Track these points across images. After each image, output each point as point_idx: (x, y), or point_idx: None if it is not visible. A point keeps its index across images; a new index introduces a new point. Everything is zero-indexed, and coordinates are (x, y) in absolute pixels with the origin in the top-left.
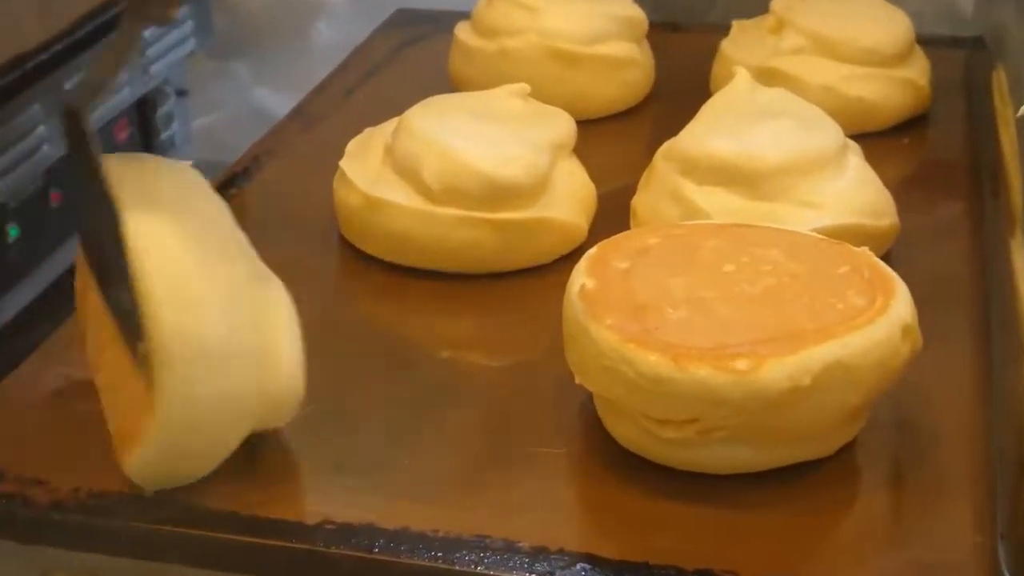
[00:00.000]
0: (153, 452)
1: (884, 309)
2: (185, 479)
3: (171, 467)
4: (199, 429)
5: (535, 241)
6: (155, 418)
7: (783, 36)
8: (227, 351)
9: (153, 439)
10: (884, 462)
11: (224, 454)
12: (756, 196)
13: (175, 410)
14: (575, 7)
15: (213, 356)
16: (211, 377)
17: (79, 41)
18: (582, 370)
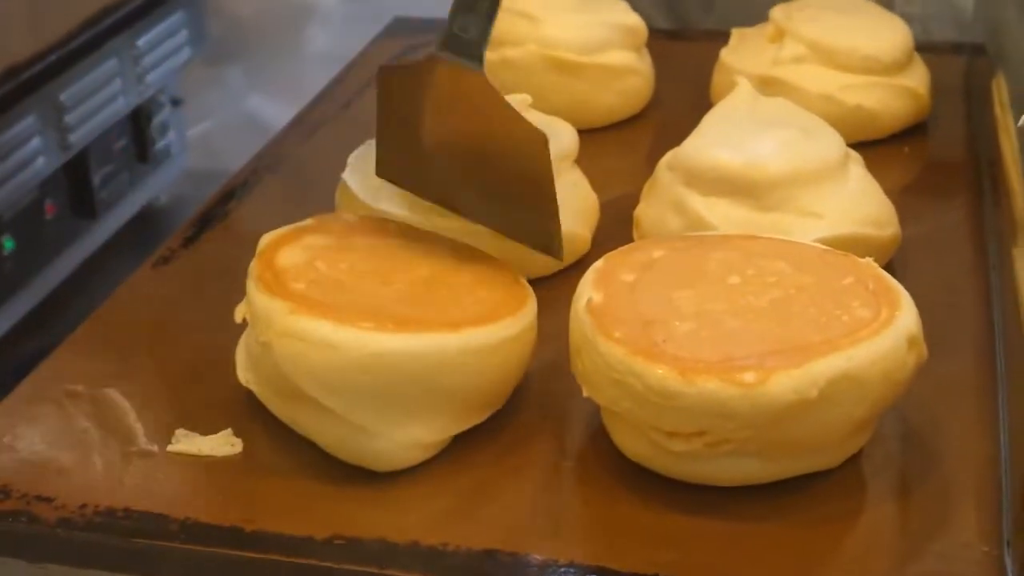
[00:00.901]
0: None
1: (889, 321)
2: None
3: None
4: None
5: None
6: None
7: (783, 45)
8: None
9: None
10: (890, 473)
11: None
12: (760, 206)
13: None
14: (575, 16)
15: None
16: None
17: (73, 52)
18: (590, 383)
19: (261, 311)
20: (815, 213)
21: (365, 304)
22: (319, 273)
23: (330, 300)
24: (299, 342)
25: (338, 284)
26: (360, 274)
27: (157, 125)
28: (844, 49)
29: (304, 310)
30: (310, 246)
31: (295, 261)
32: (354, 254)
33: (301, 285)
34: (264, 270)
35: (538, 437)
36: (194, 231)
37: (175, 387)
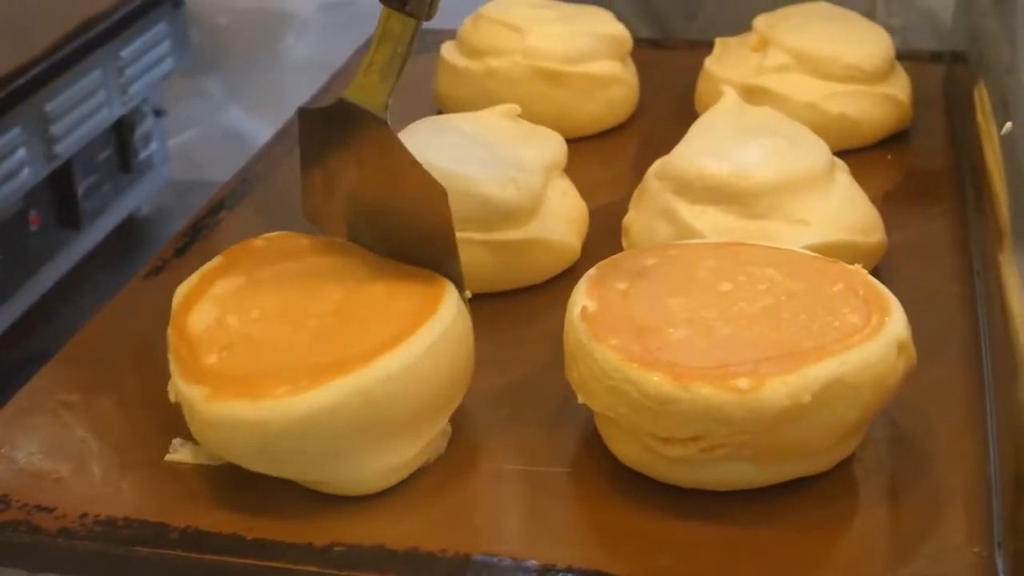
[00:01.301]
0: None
1: (880, 327)
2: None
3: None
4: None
5: (529, 261)
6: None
7: (766, 54)
8: None
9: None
10: (881, 477)
11: None
12: (748, 215)
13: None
14: (560, 27)
15: None
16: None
17: (58, 63)
18: (585, 390)
19: (184, 398)
20: (802, 220)
21: (279, 362)
22: (231, 334)
23: (243, 369)
24: (223, 429)
25: (249, 343)
26: (271, 320)
27: (140, 136)
28: (827, 58)
29: (220, 394)
30: (219, 296)
31: (206, 322)
32: (264, 294)
33: (213, 358)
34: (179, 342)
35: (533, 443)
36: (185, 241)
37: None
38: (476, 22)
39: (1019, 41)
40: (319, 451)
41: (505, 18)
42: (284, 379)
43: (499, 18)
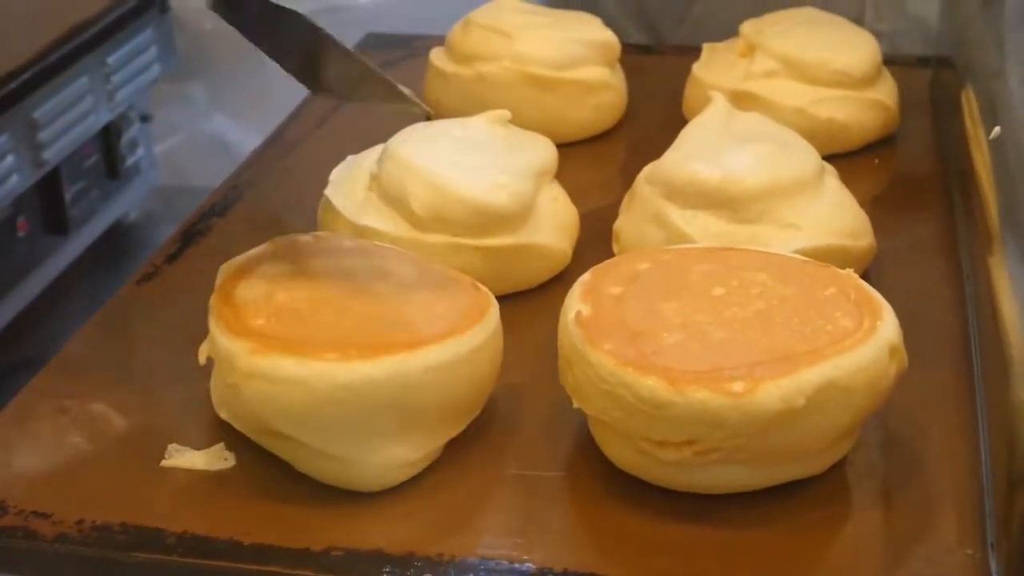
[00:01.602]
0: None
1: (872, 330)
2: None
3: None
4: None
5: (521, 267)
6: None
7: (754, 60)
8: None
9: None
10: (873, 479)
11: None
12: (738, 219)
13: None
14: (549, 32)
15: None
16: None
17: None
18: (580, 394)
19: (224, 353)
20: (793, 225)
21: (327, 334)
22: (278, 305)
23: (292, 334)
24: (265, 382)
25: (298, 315)
26: (319, 301)
27: (127, 142)
28: (815, 63)
29: (266, 349)
30: (267, 275)
31: (254, 294)
32: (312, 280)
33: (261, 321)
34: (223, 306)
35: (528, 448)
36: (177, 247)
37: (166, 402)
38: (466, 28)
39: (1006, 46)
40: (351, 423)
41: (495, 24)
42: (333, 347)
43: (488, 24)
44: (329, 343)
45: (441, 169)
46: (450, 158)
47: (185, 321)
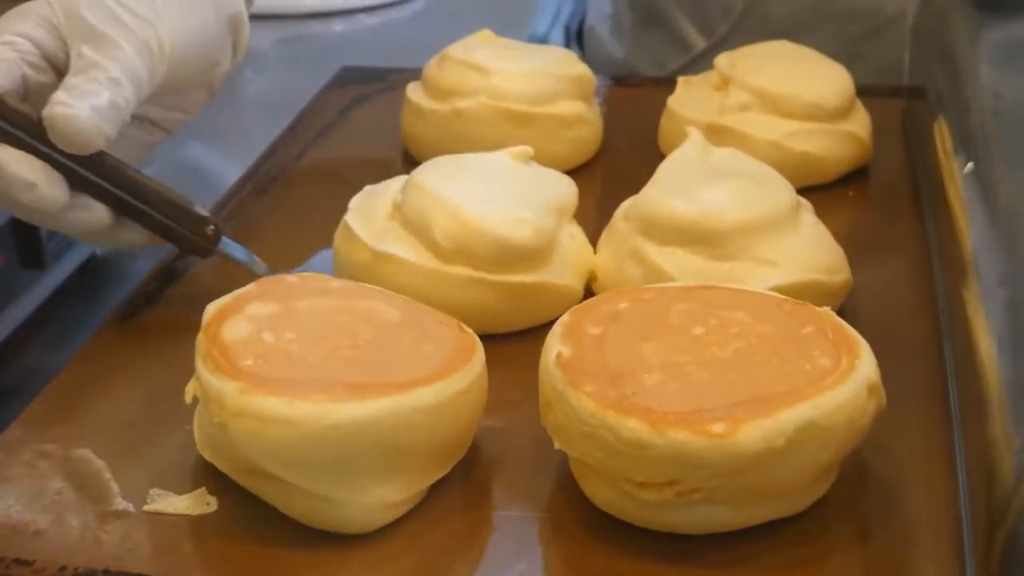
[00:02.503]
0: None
1: (850, 369)
2: None
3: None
4: None
5: (537, 304)
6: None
7: (728, 93)
8: None
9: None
10: (854, 517)
11: None
12: (716, 256)
13: None
14: (525, 67)
15: None
16: None
17: None
18: (562, 435)
19: (213, 392)
20: (770, 261)
21: (315, 375)
22: (266, 346)
23: (280, 375)
24: (254, 421)
25: (286, 356)
26: (307, 343)
27: None
28: (788, 96)
29: (256, 389)
30: (254, 316)
31: (241, 334)
32: (299, 320)
33: (249, 361)
34: (211, 347)
35: (509, 489)
36: (156, 286)
37: (147, 445)
38: (442, 63)
39: (978, 79)
40: (337, 463)
41: (470, 59)
42: (321, 388)
43: (464, 59)
44: (317, 384)
45: (465, 201)
46: (475, 192)
47: (165, 362)
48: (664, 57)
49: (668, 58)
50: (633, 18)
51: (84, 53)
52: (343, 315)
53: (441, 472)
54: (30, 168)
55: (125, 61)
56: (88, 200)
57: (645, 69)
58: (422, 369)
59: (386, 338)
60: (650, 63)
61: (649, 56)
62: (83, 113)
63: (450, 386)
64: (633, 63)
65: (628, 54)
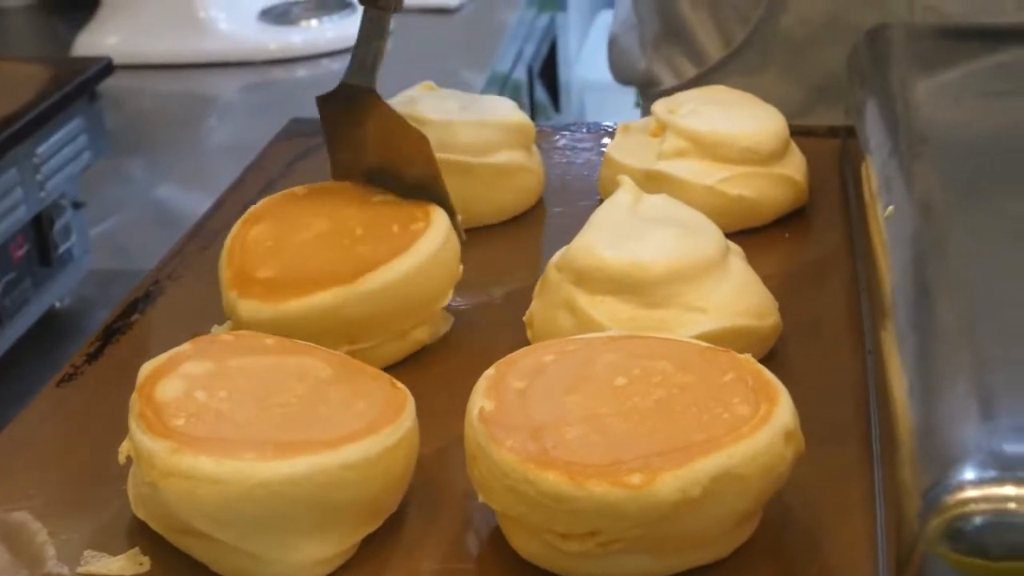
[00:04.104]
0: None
1: (768, 417)
2: None
3: None
4: None
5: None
6: None
7: (665, 139)
8: None
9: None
10: (777, 562)
11: None
12: (645, 304)
13: None
14: (464, 118)
15: None
16: None
17: None
18: (485, 489)
19: (144, 452)
20: (699, 308)
21: (245, 433)
22: (198, 405)
23: (211, 434)
24: (184, 480)
25: (217, 415)
26: (239, 401)
27: (60, 229)
28: (723, 141)
29: (185, 448)
30: (188, 375)
31: (174, 393)
32: (232, 379)
33: (181, 421)
34: (144, 407)
35: (440, 541)
36: (97, 347)
37: (85, 506)
38: None
39: (900, 125)
40: (266, 521)
41: (410, 111)
42: (251, 447)
43: (404, 111)
44: (247, 442)
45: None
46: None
47: (105, 422)
48: (682, 67)
49: (686, 68)
50: (655, 28)
51: None
52: (276, 373)
53: (372, 527)
54: None
55: None
56: None
57: (666, 79)
58: (352, 425)
59: (318, 395)
60: (670, 73)
61: (668, 66)
62: None
63: (379, 442)
64: (654, 72)
65: (649, 63)
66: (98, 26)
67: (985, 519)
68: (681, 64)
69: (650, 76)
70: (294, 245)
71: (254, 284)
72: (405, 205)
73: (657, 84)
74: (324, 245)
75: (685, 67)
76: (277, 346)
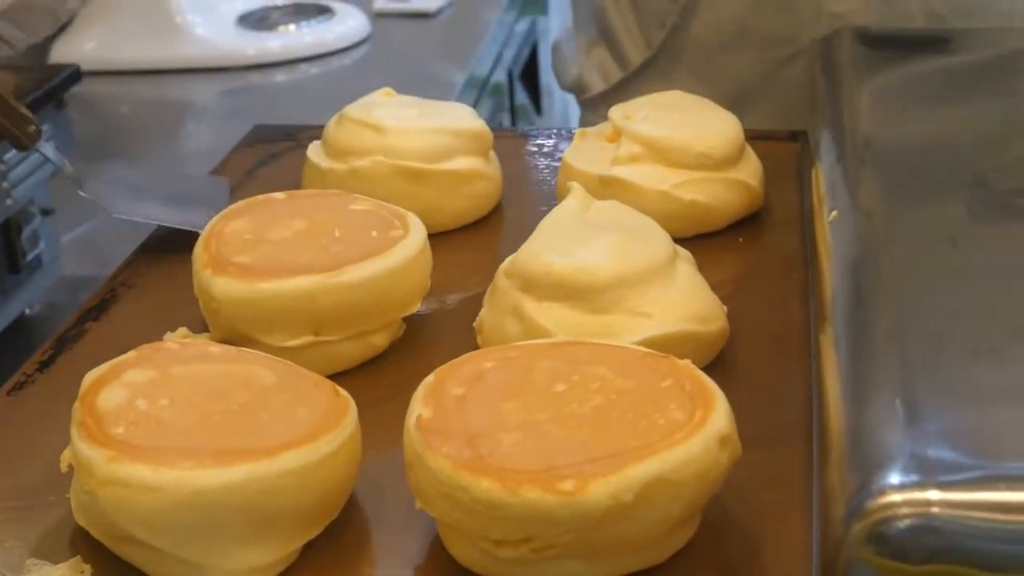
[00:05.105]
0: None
1: (703, 422)
2: None
3: None
4: None
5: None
6: None
7: (620, 144)
8: None
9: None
10: (714, 566)
11: None
12: (592, 309)
13: None
14: (421, 125)
15: None
16: None
17: None
18: (422, 496)
19: (84, 460)
20: (644, 313)
21: (185, 441)
22: (139, 413)
23: (149, 442)
24: (121, 488)
25: (157, 423)
26: (180, 409)
27: (28, 236)
28: (677, 147)
29: (124, 457)
30: (131, 383)
31: (116, 402)
32: (175, 386)
33: (120, 429)
34: (86, 415)
35: (378, 547)
36: (50, 355)
37: (30, 515)
38: (340, 122)
39: (847, 130)
40: (204, 529)
41: (367, 118)
42: (189, 455)
43: (361, 118)
44: (185, 450)
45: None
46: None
47: (54, 430)
48: (610, 71)
49: (613, 72)
50: (591, 34)
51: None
52: (220, 380)
53: (312, 533)
54: None
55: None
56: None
57: (596, 84)
58: (292, 433)
59: (260, 402)
60: (599, 78)
61: (598, 71)
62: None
63: (318, 449)
64: (584, 78)
65: (581, 69)
66: (75, 32)
67: (908, 524)
68: (609, 68)
69: (582, 82)
70: (272, 241)
71: (230, 265)
72: (383, 213)
73: (588, 90)
74: (302, 242)
75: (612, 71)
76: (222, 354)
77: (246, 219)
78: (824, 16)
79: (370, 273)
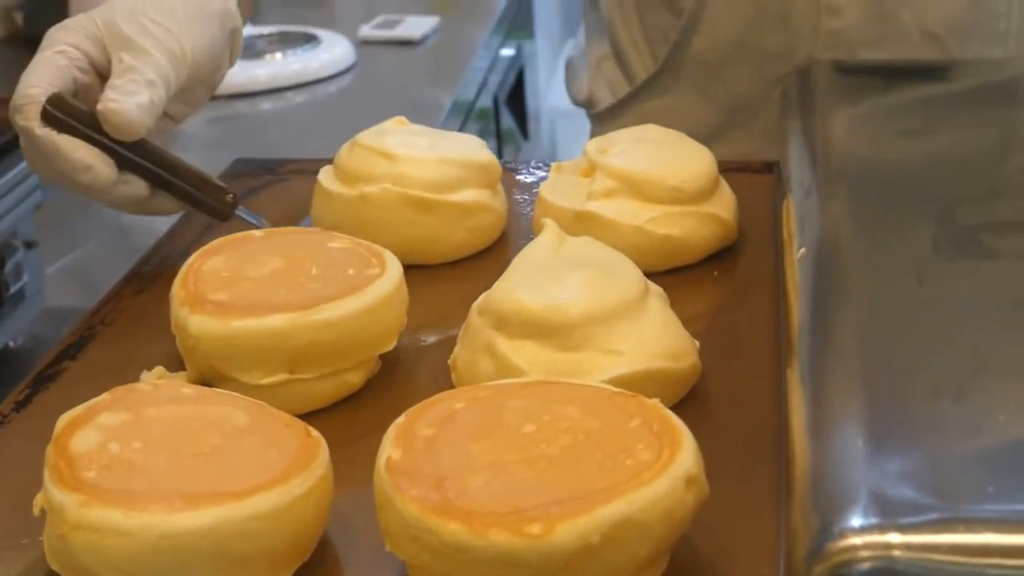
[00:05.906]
0: None
1: (669, 462)
2: None
3: None
4: None
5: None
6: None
7: (595, 179)
8: None
9: None
10: None
11: None
12: (563, 347)
13: None
14: (431, 155)
15: None
16: None
17: None
18: (391, 538)
19: (56, 504)
20: (615, 351)
21: (156, 484)
22: (111, 456)
23: (121, 487)
24: (92, 533)
25: (130, 466)
26: (152, 452)
27: (11, 269)
28: (650, 181)
29: (95, 501)
30: (104, 426)
31: (89, 445)
32: (148, 429)
33: (92, 473)
34: (58, 458)
35: None
36: (26, 394)
37: (4, 558)
38: (352, 148)
39: (817, 163)
40: (176, 573)
41: (378, 145)
42: (159, 499)
43: (373, 145)
44: (156, 494)
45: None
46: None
47: (29, 471)
48: (618, 86)
49: (622, 87)
50: (602, 49)
51: (124, 59)
52: (193, 422)
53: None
54: (87, 153)
55: (157, 66)
56: (131, 176)
57: (604, 98)
58: (263, 475)
59: (232, 444)
60: (608, 92)
61: (607, 85)
62: (130, 108)
63: (288, 492)
64: (594, 92)
65: (592, 84)
66: None
67: (868, 567)
68: (618, 83)
69: (592, 96)
70: (249, 278)
71: (206, 303)
72: (360, 250)
73: (597, 104)
74: (279, 280)
75: (621, 86)
76: (195, 395)
77: (224, 256)
78: (821, 33)
79: (345, 311)
